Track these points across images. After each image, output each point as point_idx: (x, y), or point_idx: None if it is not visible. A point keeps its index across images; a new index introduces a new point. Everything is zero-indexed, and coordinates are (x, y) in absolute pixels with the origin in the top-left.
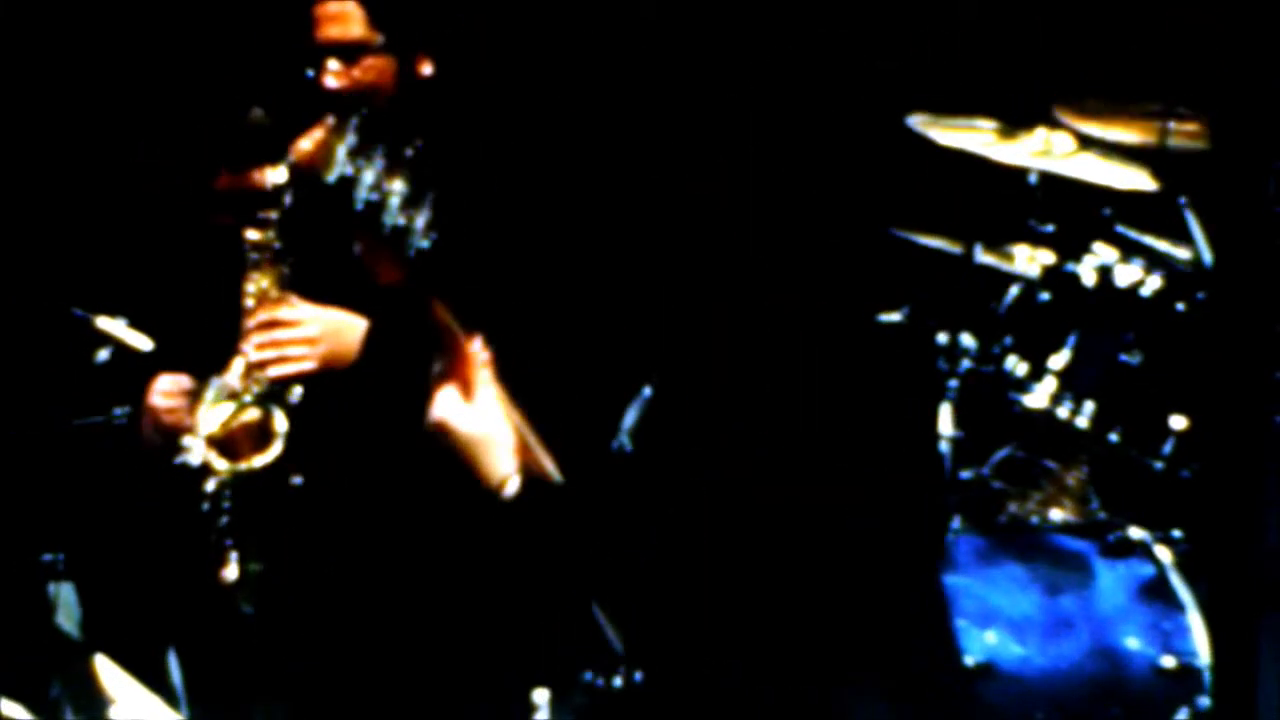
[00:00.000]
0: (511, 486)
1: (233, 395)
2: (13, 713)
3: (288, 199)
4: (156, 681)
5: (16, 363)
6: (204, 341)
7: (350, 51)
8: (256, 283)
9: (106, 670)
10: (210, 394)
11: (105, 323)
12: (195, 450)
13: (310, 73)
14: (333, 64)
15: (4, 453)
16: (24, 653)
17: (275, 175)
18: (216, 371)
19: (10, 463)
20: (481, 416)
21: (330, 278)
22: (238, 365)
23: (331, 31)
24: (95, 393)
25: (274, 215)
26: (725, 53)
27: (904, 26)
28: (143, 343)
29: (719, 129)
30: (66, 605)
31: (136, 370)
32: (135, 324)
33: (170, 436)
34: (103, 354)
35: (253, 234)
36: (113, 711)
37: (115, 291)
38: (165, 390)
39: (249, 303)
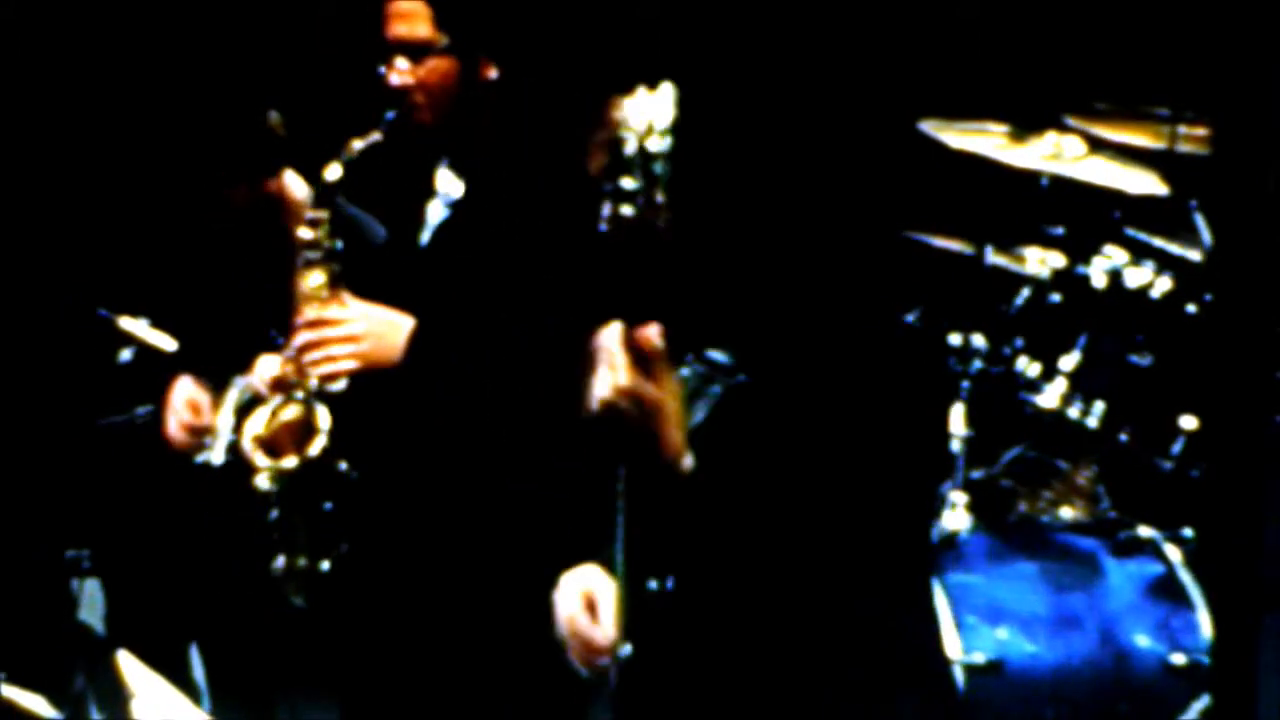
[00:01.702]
0: (689, 460)
1: (257, 396)
2: (37, 707)
3: (341, 198)
4: (179, 676)
5: (40, 362)
6: (228, 341)
7: (416, 50)
8: (307, 281)
9: (130, 665)
10: (234, 394)
11: (128, 323)
12: (217, 449)
13: (380, 69)
14: (400, 62)
15: (28, 451)
16: (48, 647)
17: (330, 173)
18: (240, 371)
19: (34, 461)
20: (664, 391)
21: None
22: (262, 365)
23: (399, 29)
24: (118, 392)
25: (325, 215)
26: (740, 56)
27: (916, 31)
28: (165, 343)
29: (731, 132)
30: (91, 601)
31: (159, 370)
32: (158, 324)
33: (192, 435)
34: (126, 354)
35: (304, 233)
36: (135, 706)
37: (139, 292)
38: (188, 387)
39: (299, 301)
